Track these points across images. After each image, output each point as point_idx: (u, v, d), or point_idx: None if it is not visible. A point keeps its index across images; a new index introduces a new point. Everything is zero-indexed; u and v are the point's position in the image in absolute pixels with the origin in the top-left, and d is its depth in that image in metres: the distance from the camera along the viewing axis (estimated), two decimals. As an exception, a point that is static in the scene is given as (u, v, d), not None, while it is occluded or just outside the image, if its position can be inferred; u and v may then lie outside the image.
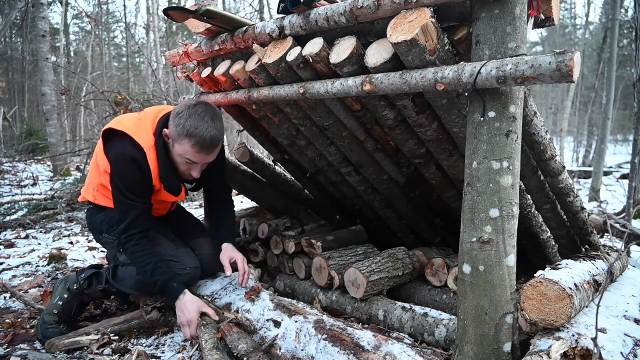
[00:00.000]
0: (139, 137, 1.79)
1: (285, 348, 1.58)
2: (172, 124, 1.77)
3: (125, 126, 1.81)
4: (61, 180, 6.84)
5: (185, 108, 1.76)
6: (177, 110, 1.77)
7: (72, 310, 1.97)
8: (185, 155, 1.77)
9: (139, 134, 1.80)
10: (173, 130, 1.76)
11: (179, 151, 1.77)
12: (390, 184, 2.23)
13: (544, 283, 1.24)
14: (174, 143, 1.78)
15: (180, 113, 1.75)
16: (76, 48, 20.26)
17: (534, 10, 1.26)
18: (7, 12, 11.39)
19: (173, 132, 1.76)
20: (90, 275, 1.98)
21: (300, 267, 2.25)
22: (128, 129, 1.80)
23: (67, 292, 1.96)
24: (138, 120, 1.87)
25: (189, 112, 1.73)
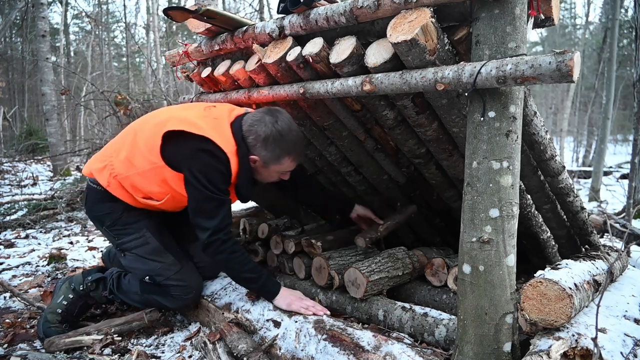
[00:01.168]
0: (222, 143, 1.68)
1: (285, 348, 1.58)
2: (261, 150, 1.71)
3: (204, 130, 1.68)
4: (61, 180, 6.84)
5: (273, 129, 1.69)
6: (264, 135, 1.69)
7: (76, 310, 1.97)
8: (284, 170, 1.80)
9: (221, 140, 1.68)
10: (267, 155, 1.73)
11: (277, 169, 1.79)
12: (390, 184, 2.23)
13: (544, 283, 1.24)
14: (269, 166, 1.76)
15: (266, 137, 1.69)
16: (76, 48, 20.27)
17: (534, 10, 1.26)
18: (7, 12, 11.40)
19: (267, 157, 1.73)
20: (97, 279, 1.98)
21: (300, 267, 2.25)
22: (209, 135, 1.67)
23: (73, 293, 1.96)
24: (215, 120, 1.75)
25: (279, 133, 1.70)
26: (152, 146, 1.73)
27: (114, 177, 1.82)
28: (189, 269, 1.95)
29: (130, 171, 1.78)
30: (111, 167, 1.82)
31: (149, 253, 1.88)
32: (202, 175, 1.66)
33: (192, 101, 2.32)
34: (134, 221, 1.89)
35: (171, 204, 1.86)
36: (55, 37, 15.34)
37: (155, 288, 1.91)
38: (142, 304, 1.97)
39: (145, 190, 1.80)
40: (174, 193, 1.78)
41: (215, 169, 1.68)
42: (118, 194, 1.84)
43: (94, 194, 1.91)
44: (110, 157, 1.85)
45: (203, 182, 1.66)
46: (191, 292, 1.94)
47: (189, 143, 1.68)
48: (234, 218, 2.78)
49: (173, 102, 6.22)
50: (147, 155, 1.74)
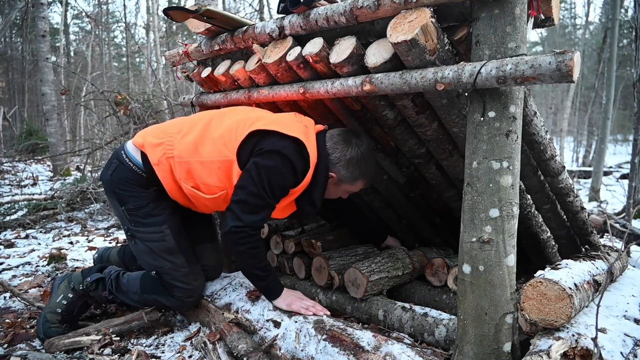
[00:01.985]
0: (311, 151, 1.68)
1: (285, 348, 1.58)
2: (341, 169, 1.74)
3: (297, 132, 1.66)
4: (61, 180, 6.84)
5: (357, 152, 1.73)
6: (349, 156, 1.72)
7: (76, 310, 1.96)
8: (354, 191, 1.85)
9: (311, 148, 1.68)
10: (345, 175, 1.75)
11: (348, 189, 1.83)
12: (390, 184, 2.23)
13: (544, 283, 1.24)
14: (341, 184, 1.79)
15: (350, 159, 1.72)
16: (76, 48, 20.26)
17: (534, 10, 1.26)
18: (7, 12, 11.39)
19: (345, 176, 1.76)
20: (97, 279, 1.98)
21: (300, 267, 2.25)
22: (303, 139, 1.66)
23: (72, 292, 1.96)
24: (305, 127, 1.73)
25: (358, 156, 1.73)
26: (231, 140, 1.69)
27: (167, 158, 1.75)
28: (196, 272, 1.94)
29: (193, 157, 1.72)
30: (169, 147, 1.76)
31: (163, 250, 1.84)
32: (265, 173, 1.62)
33: (192, 101, 2.32)
34: (157, 214, 1.82)
35: (216, 203, 1.80)
36: (55, 37, 15.33)
37: (157, 287, 1.90)
38: (141, 303, 1.97)
39: (201, 180, 1.73)
40: (230, 191, 1.73)
41: (283, 174, 1.64)
42: (162, 176, 1.76)
43: (126, 172, 1.81)
44: (171, 136, 1.78)
45: (262, 179, 1.61)
46: (193, 296, 1.94)
47: (272, 140, 1.65)
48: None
49: (173, 102, 6.21)
50: (220, 147, 1.70)
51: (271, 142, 1.65)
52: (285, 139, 1.65)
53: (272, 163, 1.62)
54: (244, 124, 1.71)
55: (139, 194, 1.81)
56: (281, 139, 1.65)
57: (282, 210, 1.82)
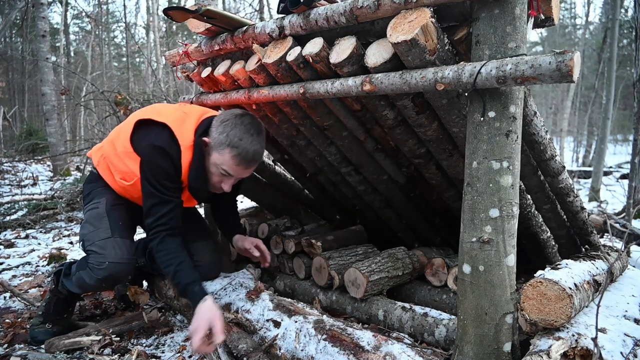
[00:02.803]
0: (180, 133, 1.72)
1: (285, 348, 1.58)
2: (214, 132, 1.70)
3: (168, 118, 1.73)
4: (61, 180, 6.84)
5: (232, 117, 1.70)
6: (222, 119, 1.71)
7: (52, 308, 1.92)
8: (222, 165, 1.70)
9: (181, 131, 1.72)
10: (215, 137, 1.69)
11: (217, 160, 1.70)
12: (390, 184, 2.23)
13: (544, 283, 1.24)
14: (213, 151, 1.70)
15: (225, 121, 1.69)
16: (76, 48, 20.26)
17: (534, 10, 1.26)
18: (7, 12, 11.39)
19: (215, 139, 1.69)
20: (57, 272, 1.95)
21: (300, 267, 2.25)
22: (171, 123, 1.72)
23: (49, 291, 1.96)
24: (184, 114, 1.80)
25: (235, 122, 1.68)
26: (126, 132, 1.81)
27: (103, 158, 1.90)
28: (117, 242, 1.78)
29: (112, 152, 1.86)
30: (102, 148, 1.93)
31: (93, 217, 1.84)
32: (150, 172, 1.70)
33: (192, 101, 2.32)
34: (101, 193, 1.91)
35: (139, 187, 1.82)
36: (55, 37, 15.33)
37: (82, 262, 1.83)
38: (77, 286, 1.84)
39: (120, 169, 1.84)
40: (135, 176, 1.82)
41: (161, 168, 1.70)
42: (103, 175, 1.91)
43: (90, 176, 2.01)
44: (107, 140, 1.95)
45: (149, 178, 1.70)
46: (103, 263, 1.72)
47: (149, 136, 1.73)
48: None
49: (173, 102, 6.22)
50: (123, 140, 1.82)
51: (145, 135, 1.74)
52: (156, 127, 1.73)
53: (150, 161, 1.71)
54: (133, 117, 1.82)
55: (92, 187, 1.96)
56: (152, 129, 1.74)
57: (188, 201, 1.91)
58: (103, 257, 1.74)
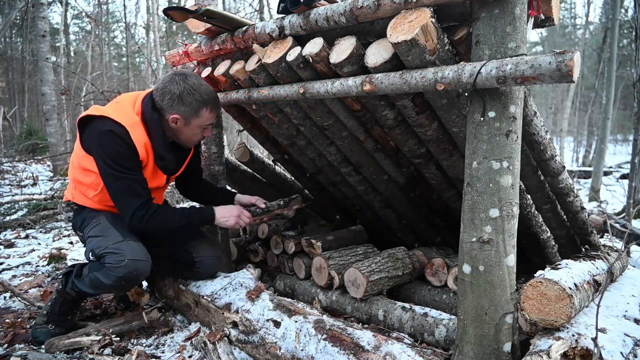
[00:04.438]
0: (119, 117, 1.77)
1: (285, 348, 1.58)
2: (179, 106, 1.79)
3: (103, 110, 1.80)
4: (61, 180, 6.84)
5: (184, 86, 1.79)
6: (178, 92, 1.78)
7: (57, 309, 1.92)
8: (205, 123, 1.87)
9: (119, 115, 1.78)
10: (185, 110, 1.80)
11: (198, 123, 1.85)
12: (390, 184, 2.23)
13: (544, 283, 1.24)
14: (190, 121, 1.83)
15: (181, 93, 1.78)
16: (76, 48, 20.25)
17: (534, 10, 1.26)
18: (7, 12, 11.39)
19: (186, 112, 1.81)
20: (66, 272, 1.96)
21: (300, 267, 2.25)
22: (107, 112, 1.78)
23: (56, 292, 1.96)
24: (116, 103, 1.88)
25: (187, 88, 1.78)
26: (77, 141, 1.86)
27: (74, 188, 1.96)
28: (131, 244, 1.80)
29: (74, 172, 1.92)
30: (70, 180, 1.99)
31: (97, 231, 1.87)
32: (107, 157, 1.74)
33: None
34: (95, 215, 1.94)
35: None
36: (55, 37, 15.33)
37: (97, 264, 1.81)
38: (91, 287, 1.83)
39: (87, 182, 1.88)
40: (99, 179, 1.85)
41: (115, 149, 1.74)
42: (80, 201, 1.95)
43: (73, 213, 2.04)
44: (69, 173, 2.01)
45: (109, 163, 1.74)
46: (123, 261, 1.73)
47: (93, 127, 1.78)
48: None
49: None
50: (77, 151, 1.87)
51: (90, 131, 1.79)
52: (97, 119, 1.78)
53: (103, 146, 1.75)
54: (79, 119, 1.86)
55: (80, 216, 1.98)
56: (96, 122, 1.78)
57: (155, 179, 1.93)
58: (121, 255, 1.75)
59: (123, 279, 1.75)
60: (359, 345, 1.44)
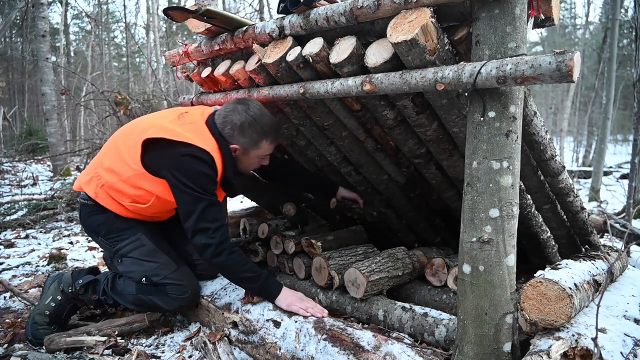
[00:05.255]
0: (203, 144, 1.73)
1: (285, 348, 1.58)
2: (239, 137, 1.78)
3: (186, 136, 1.74)
4: (61, 180, 6.84)
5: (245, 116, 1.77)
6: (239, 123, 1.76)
7: (64, 313, 1.94)
8: (264, 154, 1.88)
9: (202, 142, 1.74)
10: (245, 141, 1.79)
11: (258, 154, 1.86)
12: (390, 184, 2.23)
13: (544, 283, 1.24)
14: (248, 152, 1.83)
15: (242, 124, 1.77)
16: (76, 48, 20.25)
17: (534, 10, 1.26)
18: (7, 12, 11.39)
19: (245, 143, 1.80)
20: (87, 282, 1.94)
21: (300, 267, 2.25)
22: (190, 139, 1.73)
23: (61, 294, 1.93)
24: (191, 124, 1.81)
25: (248, 119, 1.77)
26: (134, 154, 1.78)
27: (101, 187, 1.88)
28: (184, 271, 1.95)
29: (114, 179, 1.84)
30: (97, 178, 1.89)
31: (145, 254, 1.88)
32: (188, 180, 1.70)
33: (192, 101, 2.32)
34: (128, 227, 1.92)
35: (158, 207, 1.89)
36: (55, 37, 15.32)
37: (152, 288, 1.89)
38: (136, 305, 1.93)
39: (131, 194, 1.83)
40: (159, 196, 1.82)
41: (200, 172, 1.72)
42: (106, 204, 1.88)
43: (86, 209, 1.96)
44: (95, 169, 1.91)
45: (190, 185, 1.70)
46: (187, 292, 1.91)
47: (170, 150, 1.73)
48: (233, 218, 2.78)
49: (173, 102, 6.21)
50: (129, 163, 1.80)
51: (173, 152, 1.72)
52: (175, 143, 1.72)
53: (186, 168, 1.71)
54: (139, 137, 1.78)
55: (104, 220, 1.92)
56: (171, 145, 1.72)
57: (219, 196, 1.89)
58: (185, 287, 1.90)
59: (183, 307, 1.96)
60: (359, 345, 1.44)
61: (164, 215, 2.03)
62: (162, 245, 1.96)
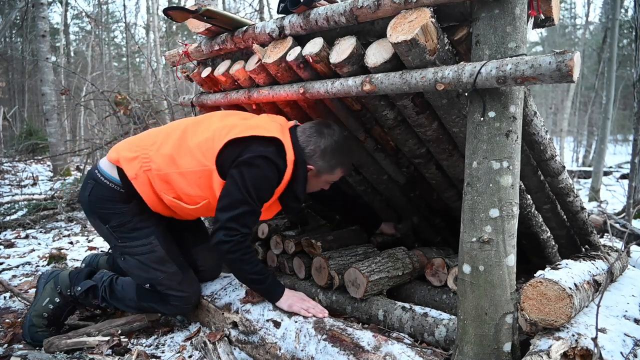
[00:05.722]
0: (287, 147, 1.68)
1: (285, 348, 1.58)
2: (318, 159, 1.74)
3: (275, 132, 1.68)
4: (61, 180, 6.84)
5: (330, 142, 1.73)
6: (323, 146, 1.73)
7: (63, 315, 1.93)
8: (334, 180, 1.86)
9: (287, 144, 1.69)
10: (322, 165, 1.76)
11: (328, 179, 1.84)
12: (390, 184, 2.23)
13: (544, 283, 1.24)
14: (321, 175, 1.80)
15: (325, 149, 1.73)
16: (76, 48, 20.24)
17: (534, 10, 1.26)
18: (7, 12, 11.39)
19: (322, 167, 1.77)
20: (88, 288, 1.91)
21: (300, 267, 2.25)
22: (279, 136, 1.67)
23: (60, 297, 1.90)
24: (280, 126, 1.75)
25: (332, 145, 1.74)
26: (209, 149, 1.69)
27: (145, 171, 1.74)
28: (189, 278, 1.93)
29: (170, 168, 1.71)
30: (145, 160, 1.74)
31: (153, 261, 1.83)
32: (250, 180, 1.62)
33: (192, 101, 2.32)
34: (142, 227, 1.82)
35: (200, 211, 1.82)
36: (55, 37, 15.32)
37: (154, 295, 1.88)
38: (137, 310, 1.94)
39: (182, 191, 1.73)
40: (212, 200, 1.73)
41: (267, 178, 1.66)
42: (141, 190, 1.75)
43: (104, 190, 1.80)
44: (146, 148, 1.77)
45: (248, 187, 1.62)
46: (190, 302, 1.94)
47: (253, 147, 1.65)
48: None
49: (173, 102, 6.21)
50: (198, 156, 1.69)
51: (252, 148, 1.65)
52: (264, 141, 1.66)
53: (256, 168, 1.63)
54: (220, 132, 1.71)
55: (120, 210, 1.79)
56: (260, 143, 1.66)
57: (267, 211, 1.83)
58: (188, 298, 1.92)
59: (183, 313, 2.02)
60: (359, 345, 1.44)
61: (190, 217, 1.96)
62: (172, 249, 1.89)
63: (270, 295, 1.77)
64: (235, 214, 1.63)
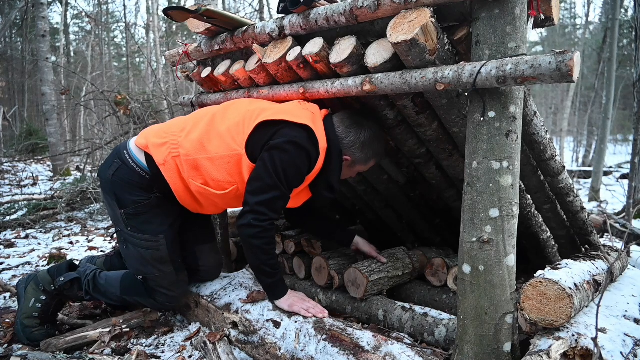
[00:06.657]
0: (319, 135, 1.65)
1: (285, 348, 1.58)
2: (356, 151, 1.74)
3: (304, 120, 1.64)
4: (61, 180, 6.84)
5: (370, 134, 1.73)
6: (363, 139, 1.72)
7: (51, 310, 1.92)
8: (363, 170, 1.86)
9: (318, 133, 1.65)
10: (359, 156, 1.76)
11: (359, 169, 1.84)
12: (390, 184, 2.23)
13: (544, 283, 1.24)
14: (354, 166, 1.81)
15: (365, 141, 1.73)
16: (76, 48, 20.25)
17: (534, 10, 1.26)
18: (7, 12, 11.39)
19: (359, 158, 1.77)
20: (71, 279, 1.92)
21: (300, 267, 2.25)
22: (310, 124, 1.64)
23: (44, 294, 1.90)
24: (312, 114, 1.70)
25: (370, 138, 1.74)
26: (239, 133, 1.67)
27: (173, 157, 1.72)
28: (181, 280, 1.94)
29: (200, 154, 1.69)
30: (174, 146, 1.73)
31: (154, 259, 1.83)
32: (281, 165, 1.60)
33: (192, 101, 2.32)
34: (156, 223, 1.82)
35: (227, 199, 1.77)
36: (55, 37, 15.32)
37: (139, 289, 1.88)
38: (120, 303, 1.97)
39: (210, 176, 1.70)
40: (241, 186, 1.71)
41: (297, 164, 1.63)
42: (169, 176, 1.73)
43: (130, 174, 1.77)
44: (175, 135, 1.75)
45: (278, 170, 1.60)
46: (176, 302, 1.98)
47: (284, 131, 1.63)
48: (233, 218, 2.78)
49: (173, 102, 6.21)
50: (227, 141, 1.67)
51: (283, 132, 1.62)
52: (295, 127, 1.63)
53: (286, 153, 1.60)
54: (250, 115, 1.69)
55: (140, 199, 1.78)
56: (291, 128, 1.63)
57: (296, 198, 1.80)
58: (175, 298, 1.95)
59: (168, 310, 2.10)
60: (359, 345, 1.44)
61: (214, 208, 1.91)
62: (175, 251, 1.88)
63: (273, 292, 1.76)
64: (265, 198, 1.62)
